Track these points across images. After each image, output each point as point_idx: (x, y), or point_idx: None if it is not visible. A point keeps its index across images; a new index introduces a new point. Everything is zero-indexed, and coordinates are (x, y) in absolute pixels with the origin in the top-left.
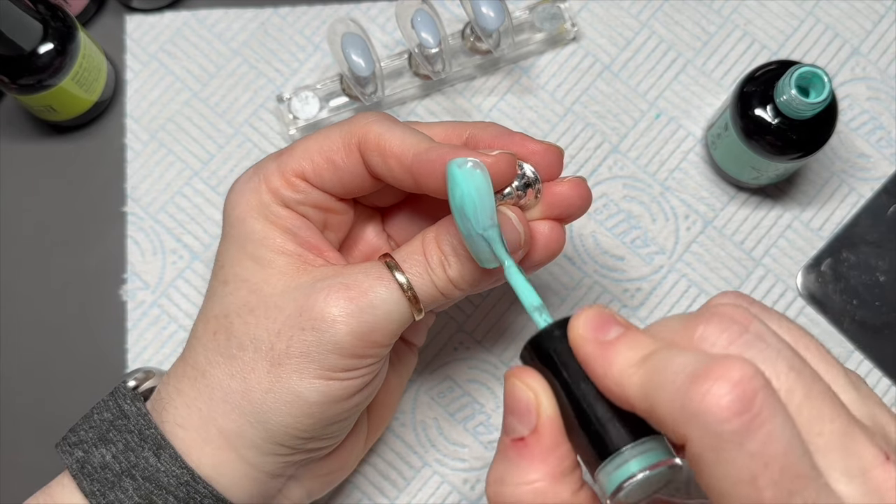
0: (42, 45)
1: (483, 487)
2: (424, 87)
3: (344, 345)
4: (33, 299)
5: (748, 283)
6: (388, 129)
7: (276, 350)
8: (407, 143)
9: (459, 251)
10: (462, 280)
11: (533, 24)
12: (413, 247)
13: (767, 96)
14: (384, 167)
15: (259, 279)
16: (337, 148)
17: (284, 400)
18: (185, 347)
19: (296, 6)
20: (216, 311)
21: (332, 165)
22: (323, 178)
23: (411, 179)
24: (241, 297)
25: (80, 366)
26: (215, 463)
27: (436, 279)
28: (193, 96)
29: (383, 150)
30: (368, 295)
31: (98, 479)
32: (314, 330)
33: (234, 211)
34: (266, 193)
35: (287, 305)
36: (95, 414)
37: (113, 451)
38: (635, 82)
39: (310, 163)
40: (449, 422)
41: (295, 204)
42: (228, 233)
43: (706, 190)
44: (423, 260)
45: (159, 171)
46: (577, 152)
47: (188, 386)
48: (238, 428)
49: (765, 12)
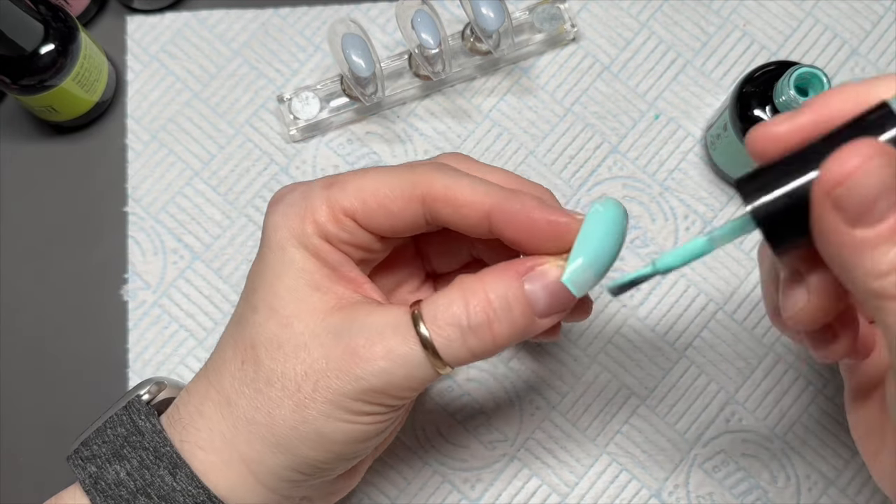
0: (43, 46)
1: (485, 486)
2: (424, 87)
3: (367, 396)
4: (34, 299)
5: (748, 283)
6: (454, 179)
7: (302, 392)
8: (479, 191)
9: (514, 304)
10: (509, 337)
11: (533, 24)
12: (450, 299)
13: (766, 97)
14: (457, 217)
15: (290, 313)
16: (395, 196)
17: (309, 437)
18: (210, 366)
19: (296, 7)
20: (244, 339)
21: (385, 211)
22: (373, 221)
23: (486, 228)
24: (270, 329)
25: (81, 366)
26: (232, 485)
27: (472, 340)
28: (194, 97)
29: (455, 201)
30: (391, 354)
31: (113, 496)
32: (339, 380)
33: (276, 234)
34: (310, 224)
35: (315, 349)
36: (109, 429)
37: (127, 468)
38: (635, 83)
39: (362, 204)
40: (449, 422)
41: (338, 241)
42: (266, 255)
43: (705, 190)
44: (462, 316)
45: (160, 172)
46: (577, 152)
47: (212, 410)
48: (259, 455)
49: (764, 13)
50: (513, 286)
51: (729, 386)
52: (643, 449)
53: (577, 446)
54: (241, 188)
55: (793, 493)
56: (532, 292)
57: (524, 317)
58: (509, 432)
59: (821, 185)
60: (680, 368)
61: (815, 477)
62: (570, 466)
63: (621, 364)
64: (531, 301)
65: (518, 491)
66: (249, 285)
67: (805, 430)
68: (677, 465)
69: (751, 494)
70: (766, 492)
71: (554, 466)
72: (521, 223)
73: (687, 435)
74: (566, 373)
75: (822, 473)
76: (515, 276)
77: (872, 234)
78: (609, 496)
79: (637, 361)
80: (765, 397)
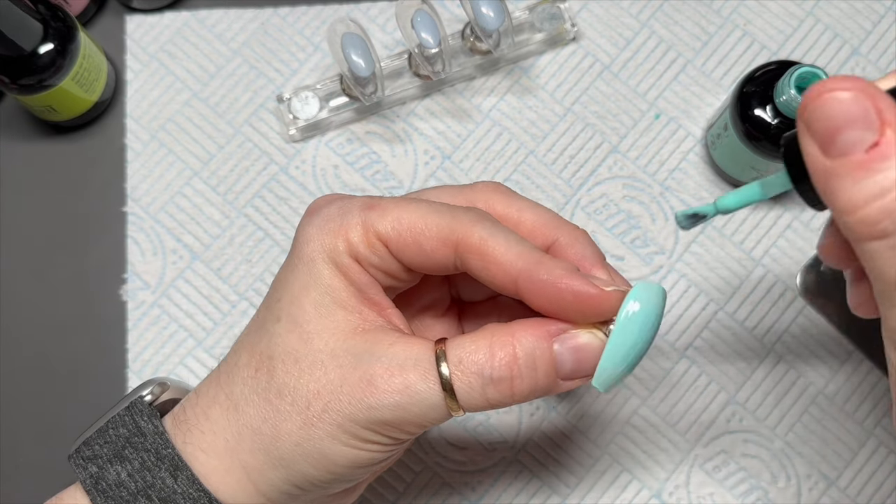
0: (42, 46)
1: (485, 488)
2: (424, 87)
3: (375, 426)
4: (34, 299)
5: (748, 283)
6: (491, 233)
7: (311, 410)
8: (512, 253)
9: (539, 364)
10: (528, 395)
11: (533, 24)
12: (477, 345)
13: (767, 97)
14: (484, 273)
15: (312, 329)
16: (431, 236)
17: (312, 456)
18: (223, 370)
19: (296, 6)
20: (262, 348)
21: (419, 248)
22: (404, 254)
23: (514, 290)
24: (290, 342)
25: (80, 366)
26: (233, 492)
27: (491, 392)
28: (193, 96)
29: (486, 257)
30: (409, 390)
31: (113, 497)
32: (350, 405)
33: (307, 246)
34: (343, 242)
35: (332, 370)
36: (111, 429)
37: (129, 469)
38: (635, 82)
39: (397, 235)
40: (449, 423)
41: (368, 265)
42: (296, 266)
43: (706, 190)
44: (486, 366)
45: (159, 171)
46: (577, 152)
47: (219, 414)
48: (261, 466)
49: (764, 12)
50: (541, 346)
51: (729, 386)
52: (644, 449)
53: (578, 447)
54: (240, 188)
55: (793, 494)
56: (560, 354)
57: (547, 377)
58: (509, 434)
59: (800, 106)
60: (680, 368)
61: (816, 477)
62: (571, 467)
63: None
64: (558, 363)
65: (519, 492)
66: (274, 294)
67: (806, 431)
68: (678, 465)
69: (751, 495)
70: (766, 492)
71: (554, 467)
72: (548, 295)
73: (687, 435)
74: None
75: (823, 474)
76: (546, 335)
77: (839, 164)
78: (610, 497)
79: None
80: (765, 397)
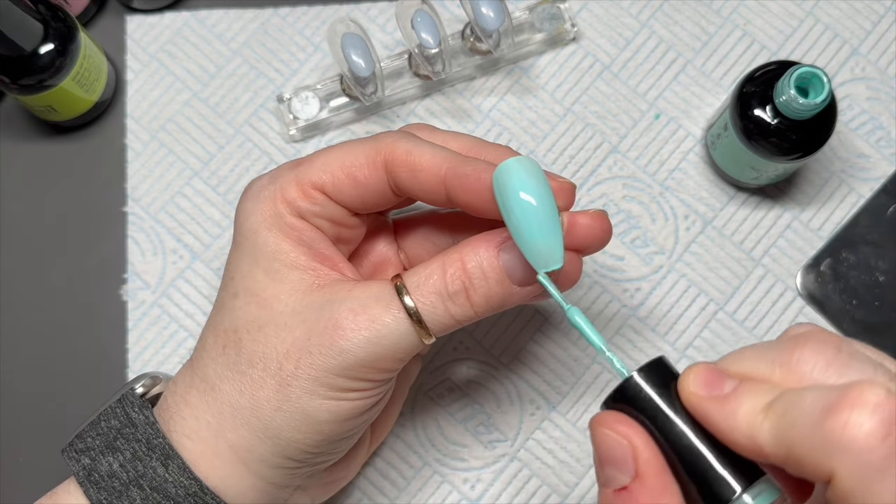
0: (43, 46)
1: (483, 487)
2: (424, 87)
3: (351, 371)
4: (34, 299)
5: (748, 283)
6: (415, 145)
7: (284, 370)
8: (438, 157)
9: (489, 273)
10: (486, 305)
11: (533, 24)
12: (430, 269)
13: (767, 97)
14: (414, 182)
15: (269, 294)
16: (360, 164)
17: (294, 418)
18: (194, 356)
19: (296, 6)
20: (226, 325)
21: (353, 181)
22: (342, 192)
23: (443, 194)
24: (250, 312)
25: (80, 366)
26: (223, 475)
27: (452, 308)
28: (194, 96)
29: (413, 166)
30: (376, 324)
31: (105, 488)
32: (322, 355)
33: (248, 220)
34: (281, 203)
35: (297, 326)
36: (103, 421)
37: (120, 459)
38: (635, 82)
39: (330, 176)
40: (449, 422)
41: (311, 216)
42: (240, 243)
43: (706, 190)
44: (441, 284)
45: (160, 171)
46: (577, 152)
47: (196, 398)
48: (247, 443)
49: (764, 12)
50: (487, 255)
51: None
52: None
53: (577, 446)
54: (240, 188)
55: None
56: (507, 261)
57: (500, 285)
58: (509, 432)
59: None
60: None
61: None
62: (570, 466)
63: None
64: (507, 270)
65: (518, 491)
66: (227, 274)
67: None
68: None
69: None
70: None
71: (554, 467)
72: (471, 186)
73: None
74: (566, 373)
75: None
76: (490, 245)
77: (601, 493)
78: None
79: (638, 362)
80: None
